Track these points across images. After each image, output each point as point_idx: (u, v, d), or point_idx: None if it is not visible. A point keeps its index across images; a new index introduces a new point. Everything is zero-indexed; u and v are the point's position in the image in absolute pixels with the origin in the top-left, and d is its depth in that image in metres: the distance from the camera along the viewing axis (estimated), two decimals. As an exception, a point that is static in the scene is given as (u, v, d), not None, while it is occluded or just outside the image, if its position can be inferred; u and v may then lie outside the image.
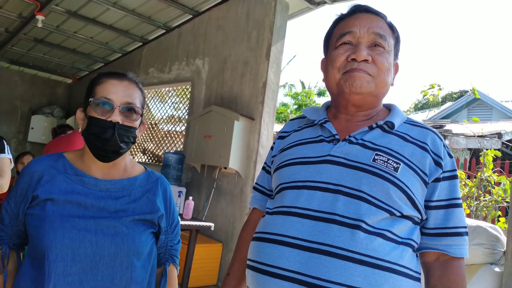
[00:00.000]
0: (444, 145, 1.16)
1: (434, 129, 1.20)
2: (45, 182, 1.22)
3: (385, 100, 1.28)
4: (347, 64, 1.16)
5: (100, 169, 1.29)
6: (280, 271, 1.05)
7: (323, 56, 1.30)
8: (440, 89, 4.54)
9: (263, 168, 1.40)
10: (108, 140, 1.21)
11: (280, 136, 1.36)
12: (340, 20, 1.24)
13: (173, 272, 1.44)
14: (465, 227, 1.13)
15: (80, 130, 1.30)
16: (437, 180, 1.12)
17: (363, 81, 1.14)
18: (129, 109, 1.25)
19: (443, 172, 1.12)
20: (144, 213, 1.28)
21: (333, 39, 1.23)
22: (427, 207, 1.12)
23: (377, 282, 0.99)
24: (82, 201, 1.21)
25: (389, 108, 1.26)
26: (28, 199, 1.22)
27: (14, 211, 1.25)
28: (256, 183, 1.41)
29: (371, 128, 1.16)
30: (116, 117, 1.22)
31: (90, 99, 1.25)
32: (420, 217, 1.11)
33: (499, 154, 4.40)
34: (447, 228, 1.11)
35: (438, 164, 1.12)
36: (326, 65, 1.24)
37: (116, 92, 1.24)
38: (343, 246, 1.01)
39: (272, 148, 1.38)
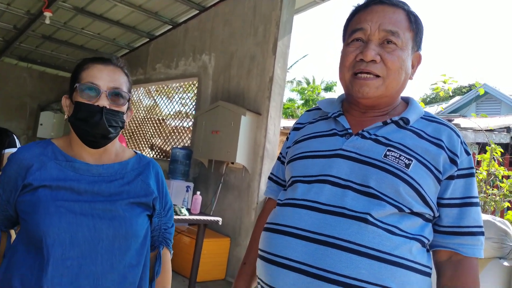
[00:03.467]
0: (461, 142, 1.13)
1: (452, 125, 1.16)
2: (36, 170, 1.19)
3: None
4: (356, 64, 1.13)
5: (90, 155, 1.27)
6: (288, 261, 1.06)
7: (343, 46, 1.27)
8: (451, 83, 4.46)
9: (278, 158, 1.40)
10: (96, 124, 1.19)
11: (295, 128, 1.36)
12: (355, 12, 1.20)
13: (167, 256, 1.43)
14: (480, 226, 1.10)
15: (66, 116, 1.27)
16: (451, 177, 1.09)
17: (371, 87, 1.11)
18: (115, 94, 1.23)
19: (458, 169, 1.09)
20: (139, 196, 1.27)
21: (347, 34, 1.21)
22: (439, 205, 1.10)
23: (383, 276, 0.99)
24: (75, 186, 1.20)
25: (407, 101, 1.23)
26: (18, 187, 1.20)
27: (3, 197, 1.23)
28: (271, 173, 1.42)
29: (385, 124, 1.14)
30: (103, 102, 1.20)
31: (75, 85, 1.22)
32: (432, 214, 1.10)
33: (501, 150, 4.39)
34: (460, 227, 1.09)
35: (453, 161, 1.09)
36: (339, 59, 1.21)
37: (102, 77, 1.22)
38: (349, 239, 1.01)
39: (287, 138, 1.37)
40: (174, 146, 6.24)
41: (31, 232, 1.16)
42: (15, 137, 2.37)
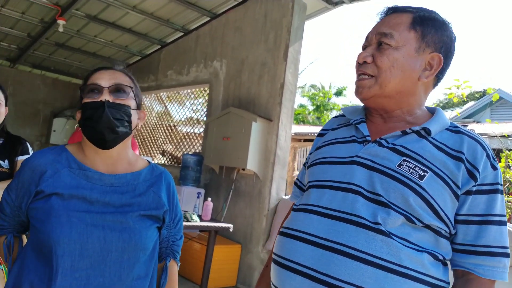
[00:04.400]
0: (487, 155, 1.06)
1: (479, 137, 1.10)
2: (49, 177, 1.20)
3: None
4: (356, 69, 1.20)
5: (103, 161, 1.27)
6: (295, 265, 1.08)
7: None
8: (464, 89, 4.39)
9: (304, 164, 1.41)
10: (99, 118, 1.19)
11: (320, 134, 1.37)
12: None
13: (174, 268, 1.43)
14: (503, 247, 1.02)
15: (76, 126, 1.30)
16: (468, 192, 1.04)
17: (364, 87, 1.15)
18: (117, 89, 1.25)
19: (478, 184, 1.04)
20: (150, 209, 1.27)
21: None
22: (456, 221, 1.06)
23: (388, 286, 0.98)
24: (87, 196, 1.20)
25: (432, 112, 1.20)
26: (31, 194, 1.20)
27: (16, 203, 1.23)
28: (296, 179, 1.43)
29: (404, 133, 1.12)
30: (106, 97, 1.22)
31: (80, 90, 1.27)
32: (448, 231, 1.06)
33: None
34: (477, 246, 1.03)
35: (471, 175, 1.04)
36: None
37: (103, 78, 1.25)
38: (356, 247, 1.00)
39: (321, 135, 1.39)
40: (185, 153, 6.26)
41: (41, 240, 1.16)
42: (28, 145, 2.39)
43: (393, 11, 1.19)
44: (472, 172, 1.04)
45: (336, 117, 1.39)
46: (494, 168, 1.06)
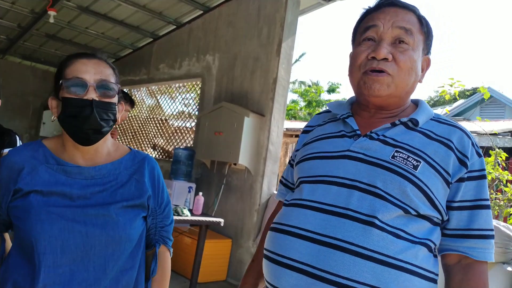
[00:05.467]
0: (473, 144, 1.11)
1: (463, 127, 1.14)
2: (27, 174, 1.16)
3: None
4: (367, 63, 1.12)
5: (83, 155, 1.23)
6: (291, 262, 1.05)
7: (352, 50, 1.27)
8: (457, 87, 4.43)
9: (289, 162, 1.40)
10: (87, 118, 1.14)
11: (305, 131, 1.36)
12: (366, 14, 1.20)
13: (165, 254, 1.38)
14: (491, 230, 1.07)
15: (54, 117, 1.22)
16: (461, 180, 1.07)
17: (383, 84, 1.10)
18: (104, 86, 1.18)
19: (469, 171, 1.07)
20: (133, 198, 1.24)
21: (358, 34, 1.20)
22: (450, 208, 1.08)
23: (386, 280, 0.98)
24: (67, 191, 1.16)
25: (416, 103, 1.23)
26: (10, 192, 1.17)
27: None
28: (282, 177, 1.42)
29: (393, 125, 1.13)
30: (92, 95, 1.16)
31: (61, 82, 1.18)
32: (440, 218, 1.08)
33: (505, 154, 4.37)
34: (471, 230, 1.07)
35: (462, 163, 1.07)
36: (349, 61, 1.22)
37: (88, 70, 1.17)
38: (353, 242, 1.00)
39: (297, 142, 1.37)
40: (176, 147, 6.24)
41: (22, 239, 1.14)
42: (17, 137, 2.36)
43: (391, 4, 1.15)
44: (463, 160, 1.08)
45: (320, 113, 1.38)
46: (479, 155, 1.11)
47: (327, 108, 1.33)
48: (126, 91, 5.30)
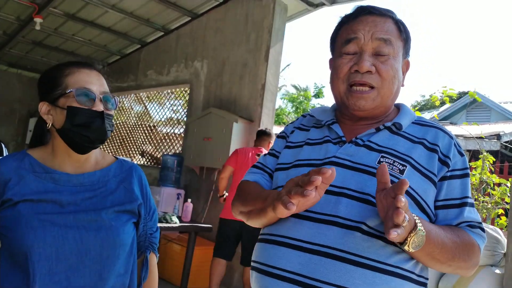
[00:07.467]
0: (454, 144, 1.13)
1: (444, 128, 1.17)
2: (14, 184, 1.15)
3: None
4: (351, 76, 1.12)
5: (72, 164, 1.24)
6: (281, 272, 1.04)
7: (331, 56, 1.26)
8: (448, 95, 4.47)
9: (269, 153, 1.33)
10: (98, 130, 1.19)
11: (281, 136, 1.33)
12: (344, 23, 1.19)
13: (153, 260, 1.40)
14: (480, 222, 1.09)
15: (49, 124, 1.23)
16: (443, 178, 1.09)
17: (368, 100, 1.11)
18: (107, 99, 1.23)
19: (451, 170, 1.09)
20: (123, 204, 1.25)
21: (337, 43, 1.19)
22: (436, 207, 1.09)
23: (377, 285, 0.97)
24: (57, 199, 1.16)
25: (398, 107, 1.24)
26: None
27: None
28: (258, 162, 1.35)
29: (378, 130, 1.13)
30: (100, 107, 1.20)
31: (71, 90, 1.18)
32: (428, 220, 1.07)
33: (492, 158, 4.42)
34: (461, 223, 1.08)
35: (444, 163, 1.09)
36: (331, 71, 1.21)
37: (93, 82, 1.21)
38: (343, 248, 0.99)
39: (283, 137, 1.32)
40: (165, 153, 6.21)
41: (14, 249, 1.12)
42: (3, 146, 2.33)
43: (369, 12, 1.15)
44: (445, 160, 1.10)
45: (304, 116, 1.36)
46: (461, 154, 1.13)
47: (311, 113, 1.31)
48: None
